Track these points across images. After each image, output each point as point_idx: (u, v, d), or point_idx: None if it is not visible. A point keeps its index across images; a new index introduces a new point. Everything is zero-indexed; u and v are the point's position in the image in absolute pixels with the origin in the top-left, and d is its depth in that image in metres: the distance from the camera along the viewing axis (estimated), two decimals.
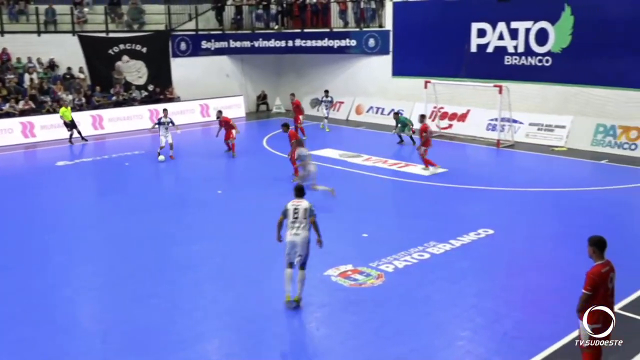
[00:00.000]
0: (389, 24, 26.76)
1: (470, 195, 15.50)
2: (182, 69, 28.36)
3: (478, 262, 11.12)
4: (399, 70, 26.74)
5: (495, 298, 9.71)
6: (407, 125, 21.69)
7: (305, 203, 9.20)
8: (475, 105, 23.79)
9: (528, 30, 22.62)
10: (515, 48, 23.05)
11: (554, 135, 21.61)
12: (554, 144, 21.31)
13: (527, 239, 12.39)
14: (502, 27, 23.28)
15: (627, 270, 8.38)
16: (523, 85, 22.54)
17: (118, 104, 26.11)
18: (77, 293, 10.23)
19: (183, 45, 28.47)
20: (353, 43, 27.74)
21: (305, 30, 28.61)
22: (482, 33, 23.87)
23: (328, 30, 28.31)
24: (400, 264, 10.92)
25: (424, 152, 17.78)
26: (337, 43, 28.06)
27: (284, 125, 17.37)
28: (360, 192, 16.15)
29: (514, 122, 22.29)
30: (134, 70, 27.46)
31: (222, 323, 9.15)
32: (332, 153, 20.38)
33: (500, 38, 23.38)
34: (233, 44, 29.42)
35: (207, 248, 12.05)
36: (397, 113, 22.65)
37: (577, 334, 7.02)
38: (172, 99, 27.53)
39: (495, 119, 22.17)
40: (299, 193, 9.39)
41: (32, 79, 24.68)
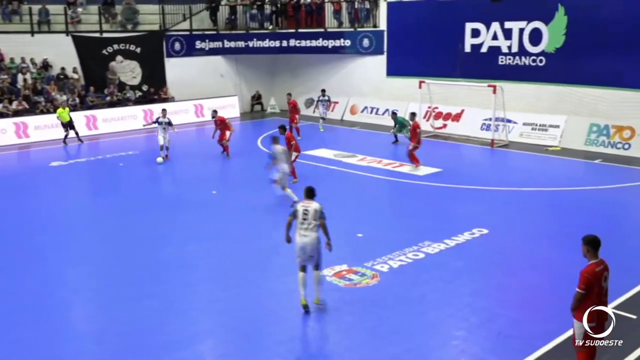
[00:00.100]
0: (383, 24, 26.80)
1: (465, 195, 15.53)
2: (176, 69, 28.31)
3: (472, 261, 11.15)
4: (394, 70, 26.77)
5: (490, 297, 9.74)
6: (405, 126, 21.66)
7: (315, 204, 9.10)
8: (470, 105, 23.85)
9: (522, 30, 22.70)
10: (509, 48, 23.12)
11: (548, 135, 21.68)
12: (548, 144, 21.38)
13: (521, 239, 12.43)
14: (496, 27, 23.35)
15: (620, 269, 8.42)
16: (517, 85, 22.61)
17: (112, 104, 26.04)
18: (72, 294, 10.21)
19: (177, 46, 28.43)
20: (347, 43, 27.77)
21: (300, 31, 28.62)
22: (476, 33, 23.93)
23: (322, 31, 28.33)
24: (395, 264, 10.94)
25: (413, 149, 17.89)
26: (331, 43, 28.08)
27: (281, 128, 17.35)
28: (355, 192, 16.16)
29: (508, 121, 22.36)
30: (128, 71, 27.39)
31: (217, 323, 9.15)
32: (326, 153, 20.39)
33: (494, 38, 23.45)
34: (227, 44, 29.39)
35: (202, 248, 12.03)
36: (394, 113, 22.61)
37: (571, 333, 7.04)
38: (166, 99, 27.46)
39: (490, 119, 22.22)
40: (309, 194, 9.26)
41: (25, 79, 24.59)
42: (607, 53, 20.71)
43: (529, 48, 22.60)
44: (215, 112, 20.56)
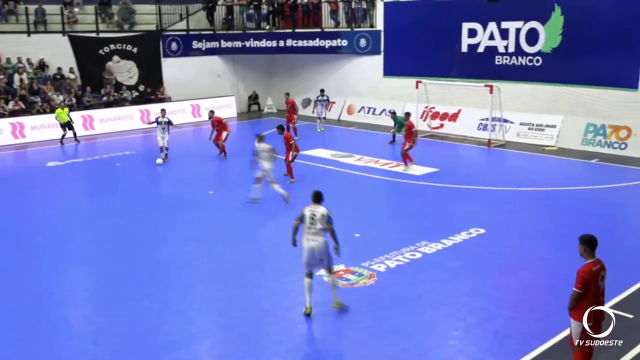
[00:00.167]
0: (380, 24, 26.82)
1: (462, 195, 15.55)
2: (173, 69, 28.30)
3: (470, 261, 11.17)
4: (390, 70, 26.80)
5: (487, 297, 9.76)
6: (403, 126, 21.60)
7: (323, 209, 9.04)
8: (466, 105, 23.88)
9: (518, 30, 22.73)
10: (506, 48, 23.15)
11: (545, 135, 21.72)
12: (545, 144, 21.42)
13: (518, 238, 12.46)
14: (492, 27, 23.38)
15: (617, 269, 8.45)
16: (514, 85, 22.64)
17: (109, 105, 26.02)
18: (69, 294, 10.20)
19: (174, 46, 28.41)
20: (344, 43, 27.77)
21: (297, 31, 28.62)
22: (472, 33, 23.96)
23: (319, 31, 28.33)
24: (392, 264, 10.96)
25: (409, 148, 17.92)
26: (328, 43, 28.09)
27: (279, 127, 17.35)
28: (352, 192, 16.17)
29: (505, 121, 22.38)
30: (125, 71, 27.37)
31: (215, 323, 9.16)
32: (324, 153, 20.40)
33: (491, 38, 23.48)
34: (224, 44, 29.38)
35: (199, 249, 12.03)
36: (394, 113, 22.52)
37: (568, 333, 7.06)
38: (163, 99, 27.45)
39: (486, 119, 22.26)
40: (317, 199, 9.20)
41: (22, 80, 24.55)
42: (603, 53, 20.75)
43: (526, 48, 22.63)
44: (212, 112, 20.53)
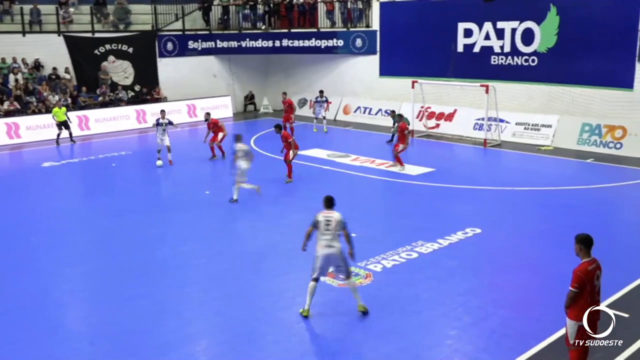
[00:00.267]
0: (376, 24, 26.84)
1: (458, 195, 15.56)
2: (169, 69, 28.25)
3: (466, 261, 11.17)
4: (386, 70, 26.82)
5: (483, 296, 9.77)
6: None
7: (337, 214, 9.05)
8: (462, 105, 23.91)
9: (514, 30, 22.78)
10: (502, 48, 23.20)
11: (540, 135, 21.76)
12: (541, 143, 21.46)
13: (514, 238, 12.48)
14: (488, 27, 23.42)
15: (613, 268, 8.47)
16: (509, 85, 22.69)
17: (104, 105, 25.95)
18: (65, 295, 10.16)
19: (170, 46, 28.36)
20: (340, 43, 27.78)
21: (293, 31, 28.61)
22: (468, 33, 23.99)
23: (315, 31, 28.33)
24: (389, 264, 10.96)
25: (402, 149, 17.94)
26: (324, 43, 28.08)
27: (277, 127, 17.34)
28: (348, 192, 16.14)
29: (501, 121, 22.42)
30: (121, 71, 27.31)
31: (211, 324, 9.14)
32: (320, 153, 20.39)
33: (487, 38, 23.52)
34: (220, 44, 29.34)
35: (195, 249, 12.01)
36: (393, 112, 22.33)
37: (564, 332, 7.06)
38: (159, 100, 27.43)
39: (482, 119, 22.29)
40: (330, 204, 9.20)
41: (17, 80, 24.46)
42: (599, 53, 20.82)
43: (521, 48, 22.68)
44: (209, 114, 20.27)
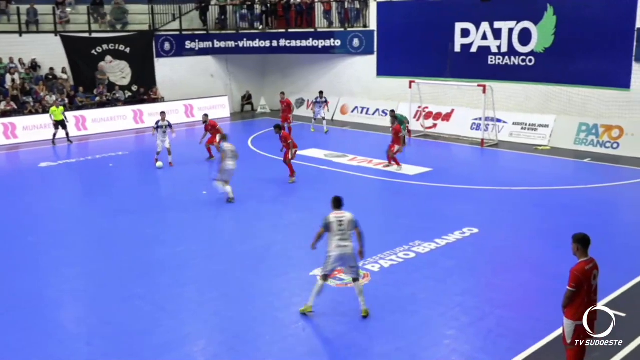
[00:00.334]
0: (374, 24, 26.83)
1: (455, 195, 15.57)
2: (166, 69, 28.22)
3: (463, 260, 11.18)
4: (384, 70, 26.82)
5: (480, 296, 9.77)
6: (403, 124, 21.48)
7: (348, 214, 9.10)
8: (460, 105, 23.93)
9: (511, 30, 22.80)
10: (499, 48, 23.21)
11: (538, 134, 21.78)
12: (538, 143, 21.47)
13: (511, 238, 12.49)
14: (485, 27, 23.43)
15: (610, 268, 8.48)
16: (507, 85, 22.71)
17: (101, 105, 25.92)
18: (62, 295, 10.15)
19: (167, 46, 28.33)
20: (337, 43, 27.78)
21: (290, 31, 28.59)
22: (465, 33, 24.00)
23: (312, 31, 28.31)
24: (386, 264, 10.96)
25: (398, 150, 17.96)
26: (321, 43, 28.08)
27: (276, 127, 17.33)
28: (346, 192, 16.02)
29: (498, 121, 22.44)
30: (118, 71, 27.27)
31: (208, 324, 9.13)
32: (317, 153, 20.38)
33: (484, 38, 23.53)
34: (217, 44, 29.31)
35: (192, 249, 12.00)
36: (392, 110, 22.17)
37: (561, 332, 7.07)
38: (156, 100, 27.40)
39: (480, 119, 22.31)
40: (339, 204, 9.24)
41: (13, 80, 24.41)
42: (596, 53, 20.85)
43: (519, 48, 22.70)
44: (206, 116, 20.00)
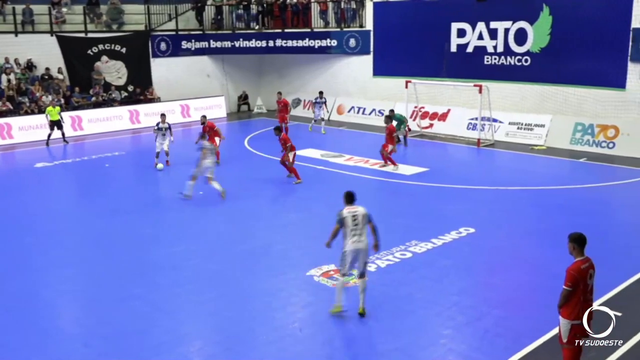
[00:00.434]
0: (370, 24, 26.86)
1: (451, 194, 15.59)
2: (162, 70, 28.19)
3: (460, 260, 11.20)
4: (380, 70, 26.84)
5: (477, 296, 9.79)
6: (402, 122, 21.51)
7: (362, 209, 9.08)
8: (456, 105, 23.97)
9: (507, 30, 22.84)
10: (495, 48, 23.25)
11: (534, 134, 21.82)
12: (534, 143, 21.52)
13: (508, 237, 12.51)
14: (481, 27, 23.47)
15: (606, 267, 8.50)
16: (503, 85, 22.75)
17: (97, 105, 25.88)
18: (59, 295, 10.13)
19: (163, 46, 28.30)
20: (334, 43, 27.79)
21: (286, 31, 28.60)
22: (461, 33, 24.04)
23: (309, 31, 28.32)
24: (383, 263, 10.97)
25: (393, 150, 17.98)
26: (317, 43, 28.09)
27: (276, 129, 17.31)
28: (342, 192, 16.10)
29: (494, 121, 22.48)
30: (114, 71, 27.24)
31: (205, 324, 9.13)
32: (313, 153, 20.38)
33: (480, 38, 23.57)
34: (213, 44, 29.30)
35: (189, 249, 11.98)
36: (392, 110, 22.10)
37: (557, 331, 7.08)
38: (152, 100, 27.38)
39: (476, 118, 22.35)
40: (351, 199, 9.22)
41: (9, 80, 24.35)
42: (591, 53, 20.91)
43: (515, 48, 22.75)
44: (205, 117, 19.85)
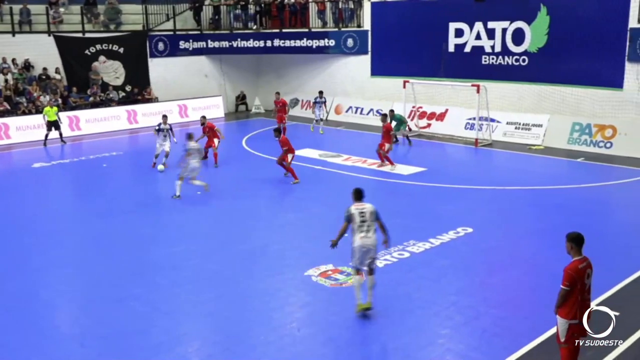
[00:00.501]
0: (367, 24, 26.86)
1: (449, 194, 15.60)
2: (160, 70, 28.16)
3: (457, 260, 11.20)
4: (378, 70, 26.85)
5: (475, 296, 9.79)
6: (402, 123, 21.49)
7: (370, 206, 9.08)
8: (454, 105, 23.99)
9: (505, 30, 22.87)
10: (493, 48, 23.27)
11: (531, 134, 21.85)
12: (531, 143, 21.54)
13: (505, 237, 12.52)
14: (479, 27, 23.49)
15: (604, 267, 8.51)
16: (500, 85, 22.77)
17: (95, 105, 25.84)
18: (57, 296, 10.11)
19: (161, 46, 28.27)
20: (332, 43, 27.79)
21: (284, 31, 28.59)
22: (459, 33, 24.06)
23: (306, 31, 28.33)
24: (381, 263, 10.95)
25: (389, 149, 17.99)
26: (315, 43, 28.09)
27: (276, 131, 17.30)
28: (340, 192, 16.08)
29: (492, 121, 22.50)
30: (111, 71, 27.20)
31: (203, 324, 9.12)
32: (311, 153, 20.38)
33: (478, 38, 23.59)
34: (211, 44, 29.28)
35: (187, 249, 11.97)
36: (391, 110, 21.93)
37: (555, 330, 7.09)
38: (150, 100, 27.34)
39: (473, 118, 22.36)
40: (360, 196, 9.21)
41: (6, 80, 24.31)
42: (589, 52, 20.94)
43: (512, 48, 22.77)
44: (204, 118, 19.75)
